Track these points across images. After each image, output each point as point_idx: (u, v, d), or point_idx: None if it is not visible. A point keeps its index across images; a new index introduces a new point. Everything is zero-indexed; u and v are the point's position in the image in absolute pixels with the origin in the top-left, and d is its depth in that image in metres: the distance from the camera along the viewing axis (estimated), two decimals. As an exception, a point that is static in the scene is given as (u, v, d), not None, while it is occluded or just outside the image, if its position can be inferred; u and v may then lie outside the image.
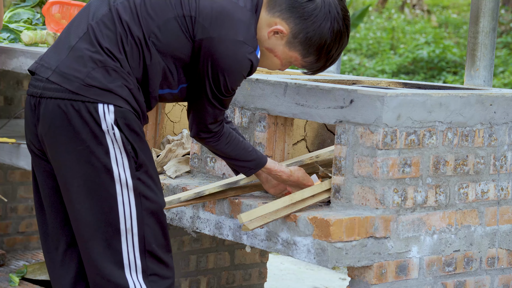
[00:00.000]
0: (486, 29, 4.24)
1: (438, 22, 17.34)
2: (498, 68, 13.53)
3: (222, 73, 2.80)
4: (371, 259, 3.01)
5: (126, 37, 2.75)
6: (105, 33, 2.75)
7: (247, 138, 3.43)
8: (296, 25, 2.82)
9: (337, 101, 3.11)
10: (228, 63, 2.78)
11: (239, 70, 2.81)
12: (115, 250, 2.74)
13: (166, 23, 2.77)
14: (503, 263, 3.35)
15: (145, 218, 2.76)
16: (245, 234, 3.20)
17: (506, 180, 3.33)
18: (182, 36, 2.78)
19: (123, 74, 2.73)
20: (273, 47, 2.88)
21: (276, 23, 2.84)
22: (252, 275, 4.53)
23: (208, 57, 2.78)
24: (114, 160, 2.71)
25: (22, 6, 5.07)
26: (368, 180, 3.02)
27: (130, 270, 2.75)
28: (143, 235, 2.76)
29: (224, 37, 2.76)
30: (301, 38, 2.84)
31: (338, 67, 5.14)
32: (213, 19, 2.76)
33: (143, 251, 2.77)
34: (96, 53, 2.72)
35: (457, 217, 3.21)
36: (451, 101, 3.15)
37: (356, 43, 16.26)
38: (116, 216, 2.73)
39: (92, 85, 2.69)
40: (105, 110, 2.69)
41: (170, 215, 3.49)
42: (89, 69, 2.71)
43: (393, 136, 3.02)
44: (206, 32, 2.76)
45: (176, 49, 2.79)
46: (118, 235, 2.74)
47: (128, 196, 2.74)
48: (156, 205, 2.79)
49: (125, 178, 2.73)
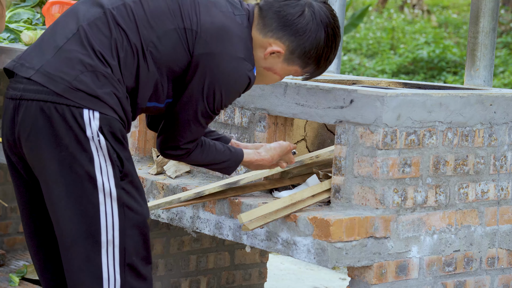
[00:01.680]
0: (486, 29, 4.24)
1: (438, 22, 17.34)
2: (498, 68, 13.53)
3: (219, 89, 2.76)
4: (371, 259, 3.01)
5: (122, 43, 2.67)
6: (99, 36, 2.65)
7: (247, 138, 3.43)
8: (291, 42, 2.78)
9: (337, 101, 3.11)
10: (228, 79, 2.75)
11: (237, 87, 2.78)
12: (94, 264, 2.64)
13: (166, 33, 2.72)
14: (503, 263, 3.35)
15: (127, 230, 2.66)
16: (245, 234, 3.20)
17: (506, 180, 3.33)
18: (181, 48, 2.73)
19: (113, 81, 2.63)
20: (271, 66, 2.85)
21: (270, 43, 2.80)
22: (252, 275, 4.54)
23: (206, 72, 2.73)
24: (98, 168, 2.61)
25: (22, 6, 5.07)
26: (368, 180, 3.02)
27: (109, 284, 2.65)
28: (124, 248, 2.66)
29: (226, 53, 2.73)
30: (299, 53, 2.80)
31: (338, 67, 5.14)
32: (214, 34, 2.73)
33: (123, 264, 2.67)
34: (87, 56, 2.62)
35: (457, 217, 3.21)
36: (451, 101, 3.15)
37: (356, 43, 16.25)
38: (98, 227, 2.63)
39: (79, 89, 2.58)
40: (90, 116, 2.59)
41: (170, 215, 3.49)
42: (77, 72, 2.60)
43: (393, 136, 3.02)
44: (208, 47, 2.72)
45: (172, 61, 2.74)
46: (99, 247, 2.63)
47: (111, 206, 2.63)
48: (140, 216, 2.69)
49: (108, 187, 2.62)
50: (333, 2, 5.09)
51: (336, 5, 5.09)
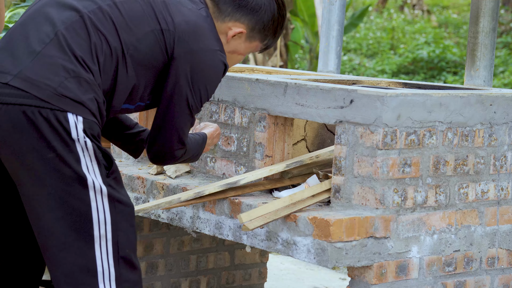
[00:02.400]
0: (486, 29, 4.24)
1: (438, 22, 17.34)
2: (498, 68, 13.54)
3: (204, 84, 2.85)
4: (371, 259, 3.01)
5: (101, 47, 2.69)
6: (78, 41, 2.66)
7: (247, 138, 3.43)
8: (250, 20, 2.91)
9: (337, 101, 3.11)
10: (210, 73, 2.86)
11: (218, 77, 2.89)
12: (88, 258, 2.67)
13: (145, 36, 2.76)
14: (503, 263, 3.35)
15: (119, 224, 2.70)
16: (245, 234, 3.20)
17: (506, 180, 3.33)
18: (158, 49, 2.79)
19: (94, 87, 2.67)
20: (234, 48, 2.96)
21: (229, 27, 2.92)
22: (252, 275, 4.53)
23: (188, 70, 2.81)
24: (85, 167, 2.63)
25: (22, 6, 5.08)
26: (368, 180, 3.02)
27: (104, 278, 2.68)
28: (117, 241, 2.70)
29: (205, 48, 2.83)
30: (259, 29, 2.93)
31: (338, 67, 5.15)
32: (190, 33, 2.81)
33: (117, 257, 2.70)
34: (69, 62, 2.63)
35: (457, 217, 3.21)
36: (451, 101, 3.15)
37: (356, 43, 16.26)
38: (90, 223, 2.65)
39: (65, 95, 2.59)
40: (75, 119, 2.61)
41: (170, 215, 3.49)
42: (61, 78, 2.61)
43: (393, 136, 3.02)
44: (188, 46, 2.80)
45: (150, 63, 2.79)
46: (92, 242, 2.66)
47: (102, 202, 2.67)
48: (129, 208, 2.74)
49: (98, 184, 2.65)
50: (333, 2, 5.09)
51: (336, 5, 5.09)
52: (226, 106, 3.50)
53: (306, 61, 14.35)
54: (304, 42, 14.66)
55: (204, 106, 3.58)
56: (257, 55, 11.99)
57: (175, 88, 2.83)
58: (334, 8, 5.08)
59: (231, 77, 3.48)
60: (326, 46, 5.11)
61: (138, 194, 3.62)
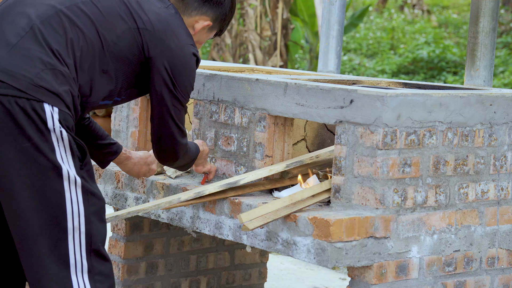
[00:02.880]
0: (486, 29, 4.24)
1: (438, 22, 17.34)
2: (498, 68, 13.54)
3: (184, 76, 3.00)
4: (371, 259, 3.01)
5: (78, 43, 2.75)
6: (54, 35, 2.72)
7: (247, 138, 3.44)
8: (215, 13, 3.13)
9: (337, 101, 3.11)
10: (187, 67, 3.01)
11: (194, 68, 3.06)
12: (61, 250, 2.68)
13: (124, 33, 2.87)
14: (503, 263, 3.35)
15: (91, 216, 2.73)
16: (245, 234, 3.20)
17: (506, 180, 3.33)
18: (135, 47, 2.90)
19: (69, 80, 2.72)
20: (198, 39, 3.17)
21: (196, 21, 3.12)
22: (252, 275, 4.53)
23: (168, 66, 2.95)
24: (60, 157, 2.67)
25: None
26: (368, 180, 3.02)
27: (76, 270, 2.70)
28: (90, 233, 2.72)
29: (181, 45, 2.98)
30: (220, 20, 3.16)
31: (338, 67, 5.14)
32: (166, 31, 2.95)
33: (89, 250, 2.73)
34: (45, 55, 2.68)
35: (457, 217, 3.21)
36: (451, 101, 3.15)
37: (356, 43, 16.26)
38: (64, 214, 2.68)
39: (42, 86, 2.64)
40: (51, 110, 2.65)
41: (170, 215, 3.49)
42: (38, 70, 2.65)
43: (393, 136, 3.02)
44: (164, 43, 2.94)
45: (129, 59, 2.90)
46: (65, 233, 2.68)
47: (76, 193, 2.70)
48: (101, 201, 2.79)
49: (73, 175, 2.68)
50: (333, 2, 5.09)
51: (336, 5, 5.09)
52: (226, 106, 3.50)
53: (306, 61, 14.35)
54: (304, 42, 14.66)
55: (204, 106, 3.58)
56: (257, 55, 11.99)
57: (162, 87, 2.97)
58: (334, 8, 5.08)
59: (231, 77, 3.48)
60: (326, 46, 5.11)
61: (138, 194, 3.62)
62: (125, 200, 3.69)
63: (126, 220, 4.06)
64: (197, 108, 3.62)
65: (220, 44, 12.23)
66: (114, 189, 3.74)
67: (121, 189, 3.70)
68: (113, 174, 3.74)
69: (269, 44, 12.31)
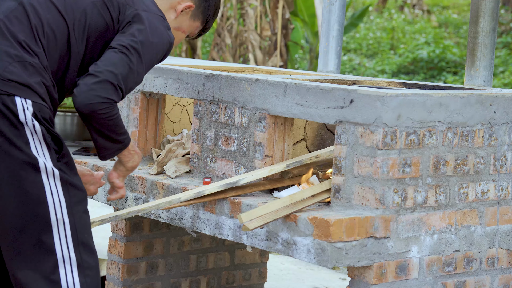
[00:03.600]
0: (486, 29, 4.24)
1: (438, 22, 17.34)
2: (498, 68, 13.54)
3: (149, 42, 2.86)
4: (371, 259, 3.01)
5: (43, 30, 2.73)
6: (19, 27, 2.70)
7: (247, 138, 3.44)
8: None
9: (337, 101, 3.11)
10: (156, 33, 2.88)
11: (162, 42, 2.90)
12: (47, 244, 2.65)
13: (86, 8, 2.82)
14: (503, 263, 3.35)
15: (73, 207, 2.70)
16: (245, 234, 3.20)
17: (506, 180, 3.33)
18: (102, 21, 2.84)
19: (40, 70, 2.70)
20: (180, 24, 3.10)
21: (178, 2, 3.07)
22: (252, 275, 4.53)
23: (135, 29, 2.85)
24: (35, 150, 2.64)
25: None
26: (368, 180, 3.02)
27: (64, 263, 2.67)
28: (75, 225, 2.69)
29: (150, 10, 2.90)
30: (203, 8, 3.12)
31: (338, 67, 5.14)
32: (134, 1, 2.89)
33: (77, 243, 2.69)
34: (12, 48, 2.66)
35: (457, 217, 3.21)
36: (451, 101, 3.15)
37: (356, 43, 16.26)
38: (46, 207, 2.65)
39: (11, 79, 2.63)
40: (23, 102, 2.63)
41: (170, 215, 3.49)
42: (5, 63, 2.64)
43: (393, 136, 3.02)
44: (132, 9, 2.87)
45: (99, 35, 2.84)
46: (49, 226, 2.65)
47: (55, 185, 2.67)
48: (82, 193, 2.75)
49: (50, 167, 2.66)
50: (333, 2, 5.09)
51: (336, 5, 5.09)
52: (226, 106, 3.50)
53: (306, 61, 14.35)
54: (304, 42, 14.66)
55: (204, 106, 3.58)
56: (257, 55, 11.98)
57: (128, 29, 2.85)
58: (334, 8, 5.08)
59: (231, 77, 3.48)
60: (326, 46, 5.11)
61: (138, 194, 3.62)
62: (125, 200, 3.69)
63: (126, 220, 4.06)
64: (197, 108, 3.62)
65: (220, 44, 12.23)
66: (114, 189, 3.74)
67: (121, 189, 3.70)
68: (113, 174, 3.74)
69: (269, 44, 12.31)
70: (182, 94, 3.69)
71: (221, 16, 12.15)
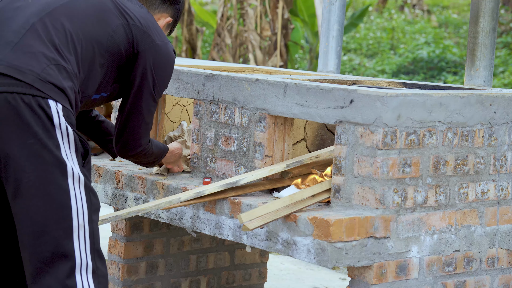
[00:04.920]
0: (486, 29, 4.24)
1: (438, 22, 17.34)
2: (498, 68, 13.54)
3: (164, 73, 3.14)
4: (371, 259, 3.01)
5: (78, 38, 2.81)
6: (54, 32, 2.75)
7: (247, 138, 3.43)
8: (173, 11, 3.29)
9: (337, 101, 3.11)
10: (169, 63, 3.16)
11: (173, 65, 3.20)
12: (68, 248, 2.66)
13: (117, 27, 2.97)
14: (503, 263, 3.35)
15: (92, 214, 2.74)
16: (245, 234, 3.20)
17: (506, 180, 3.33)
18: (125, 42, 3.00)
19: (72, 76, 2.76)
20: None
21: (159, 18, 3.25)
22: (252, 275, 4.53)
23: (152, 63, 3.07)
24: (65, 154, 2.67)
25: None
26: (368, 180, 3.02)
27: (81, 269, 2.68)
28: (93, 232, 2.72)
29: (164, 41, 3.13)
30: (177, 18, 3.32)
31: (338, 67, 5.14)
32: (151, 27, 3.08)
33: (93, 250, 2.72)
34: (48, 51, 2.71)
35: (457, 217, 3.21)
36: (451, 101, 3.15)
37: (356, 43, 16.26)
38: (69, 211, 2.67)
39: (48, 81, 2.67)
40: (56, 106, 2.66)
41: (170, 215, 3.49)
42: (44, 65, 2.68)
43: (393, 136, 3.02)
44: (151, 39, 3.07)
45: (119, 54, 2.99)
46: (71, 231, 2.67)
47: (80, 191, 2.70)
48: (98, 202, 2.81)
49: (77, 172, 2.69)
50: (333, 2, 5.09)
51: (336, 5, 5.09)
52: (226, 106, 3.50)
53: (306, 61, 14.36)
54: (304, 42, 14.66)
55: (204, 106, 3.58)
56: (257, 55, 11.99)
57: (142, 81, 3.06)
58: (334, 8, 5.08)
59: (231, 77, 3.48)
60: (326, 46, 5.11)
61: (138, 194, 3.62)
62: (125, 200, 3.69)
63: (126, 220, 4.06)
64: (197, 108, 3.62)
65: (220, 44, 12.23)
66: (114, 189, 3.74)
67: (121, 189, 3.70)
68: (113, 174, 3.74)
69: (269, 44, 12.31)
70: (182, 94, 3.70)
71: (221, 16, 12.16)
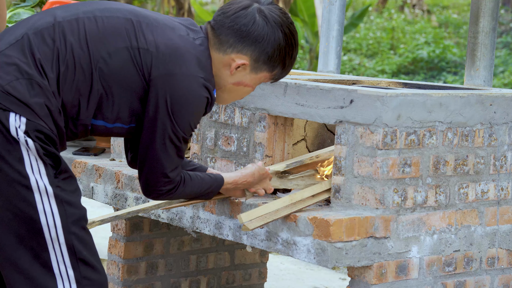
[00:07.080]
0: (486, 29, 4.24)
1: (438, 22, 17.35)
2: (498, 68, 13.54)
3: (185, 112, 2.75)
4: (371, 259, 3.01)
5: (64, 56, 2.65)
6: (41, 47, 2.63)
7: (247, 138, 3.43)
8: (253, 51, 2.80)
9: (337, 101, 3.11)
10: (192, 100, 2.75)
11: (201, 105, 2.78)
12: (44, 259, 2.59)
13: (117, 51, 2.69)
14: (503, 263, 3.35)
15: (71, 227, 2.62)
16: (245, 234, 3.20)
17: (506, 180, 3.33)
18: (131, 68, 2.71)
19: (47, 93, 2.61)
20: (240, 80, 2.85)
21: (233, 59, 2.81)
22: (252, 275, 4.53)
23: (168, 96, 2.72)
24: (29, 167, 2.57)
25: (22, 6, 5.08)
26: (368, 180, 3.02)
27: (63, 280, 2.62)
28: (72, 245, 2.62)
29: (186, 73, 2.73)
30: (264, 59, 2.81)
31: (338, 67, 5.15)
32: (171, 55, 2.72)
33: (75, 260, 2.62)
34: (26, 64, 2.59)
35: (457, 217, 3.21)
36: (451, 101, 3.15)
37: (356, 43, 16.26)
38: (39, 226, 2.57)
39: (10, 94, 2.55)
40: (17, 119, 2.55)
41: (170, 215, 3.49)
42: (12, 77, 2.57)
43: (393, 136, 3.02)
44: (166, 67, 2.72)
45: (126, 82, 2.71)
46: (45, 244, 2.58)
47: (50, 204, 2.59)
48: (80, 211, 2.66)
49: (43, 185, 2.58)
50: (333, 2, 5.09)
51: (336, 5, 5.09)
52: (226, 106, 3.50)
53: (306, 61, 14.36)
54: (304, 42, 14.67)
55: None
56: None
57: (155, 117, 2.74)
58: (334, 8, 5.08)
59: (231, 77, 3.48)
60: (326, 46, 5.11)
61: (138, 194, 3.62)
62: (125, 200, 3.69)
63: (126, 220, 4.06)
64: (197, 108, 3.62)
65: (220, 44, 12.21)
66: (114, 189, 3.74)
67: (121, 189, 3.70)
68: (113, 174, 3.74)
69: (269, 44, 12.30)
70: (182, 94, 3.69)
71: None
